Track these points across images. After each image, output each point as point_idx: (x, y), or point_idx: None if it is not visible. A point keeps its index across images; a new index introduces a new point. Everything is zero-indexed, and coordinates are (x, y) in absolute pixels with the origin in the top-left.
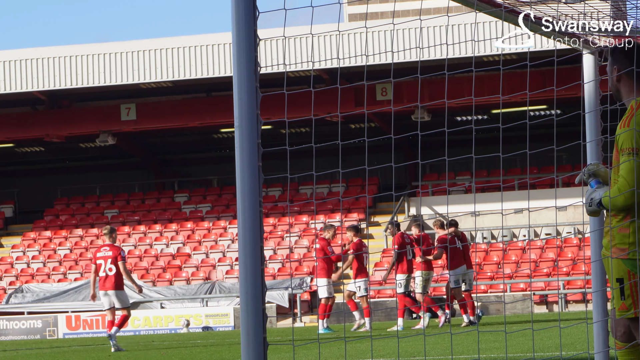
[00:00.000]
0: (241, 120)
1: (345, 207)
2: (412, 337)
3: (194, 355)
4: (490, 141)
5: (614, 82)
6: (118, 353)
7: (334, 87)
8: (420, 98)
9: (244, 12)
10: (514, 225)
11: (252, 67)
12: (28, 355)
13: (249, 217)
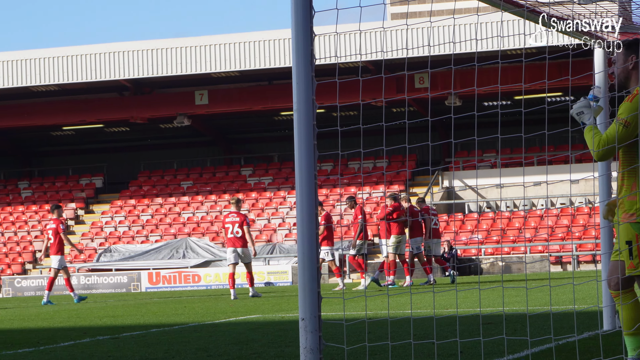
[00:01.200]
0: (299, 104)
1: (387, 179)
2: (446, 291)
3: (258, 307)
4: (513, 123)
5: (626, 70)
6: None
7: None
8: (453, 86)
9: (302, 12)
10: (533, 196)
11: (308, 59)
12: (116, 306)
13: (306, 187)
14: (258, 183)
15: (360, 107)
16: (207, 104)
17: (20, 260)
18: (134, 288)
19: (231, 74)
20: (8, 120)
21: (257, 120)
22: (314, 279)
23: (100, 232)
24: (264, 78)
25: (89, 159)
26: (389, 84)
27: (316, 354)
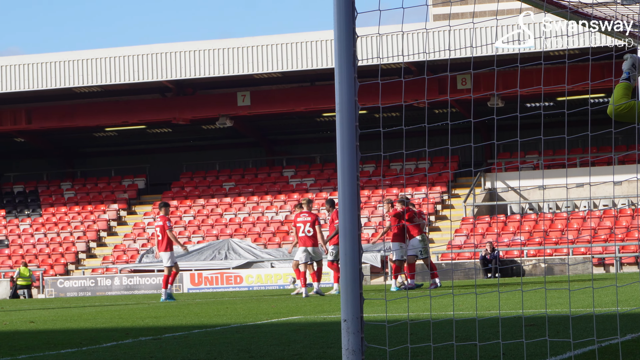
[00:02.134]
0: (341, 105)
1: (429, 181)
2: (488, 293)
3: (300, 307)
4: (555, 124)
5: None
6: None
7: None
8: (496, 87)
9: (345, 13)
10: (575, 197)
11: (351, 60)
12: (158, 307)
13: (348, 189)
14: (300, 184)
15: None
16: (249, 105)
17: (63, 261)
18: (176, 289)
19: (273, 75)
20: (51, 121)
21: (299, 121)
22: (356, 280)
23: (142, 233)
24: (306, 79)
25: (132, 160)
26: (431, 85)
27: (358, 355)
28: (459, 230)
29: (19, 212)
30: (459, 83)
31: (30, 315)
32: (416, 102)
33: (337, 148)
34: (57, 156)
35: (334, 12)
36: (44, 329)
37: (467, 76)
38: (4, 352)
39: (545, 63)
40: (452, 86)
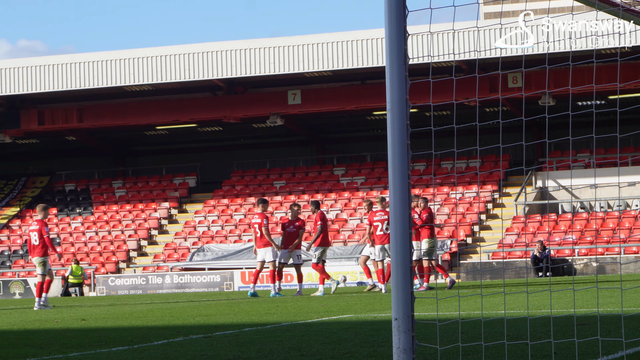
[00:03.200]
0: (392, 104)
1: (480, 179)
2: (539, 292)
3: (350, 306)
4: (607, 123)
5: None
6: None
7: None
8: (547, 85)
9: (396, 11)
10: (627, 196)
11: (402, 59)
12: (209, 305)
13: (399, 187)
14: (351, 183)
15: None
16: (299, 103)
17: (114, 259)
18: (227, 287)
19: (324, 74)
20: (103, 120)
21: (350, 120)
22: (407, 279)
23: (193, 232)
24: (357, 78)
25: (183, 159)
26: (482, 84)
27: (409, 354)
28: (510, 229)
29: (70, 211)
30: (510, 81)
31: (81, 313)
32: (467, 100)
33: (388, 146)
34: (109, 154)
35: (385, 11)
36: (95, 326)
37: (518, 74)
38: (55, 349)
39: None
40: (503, 84)
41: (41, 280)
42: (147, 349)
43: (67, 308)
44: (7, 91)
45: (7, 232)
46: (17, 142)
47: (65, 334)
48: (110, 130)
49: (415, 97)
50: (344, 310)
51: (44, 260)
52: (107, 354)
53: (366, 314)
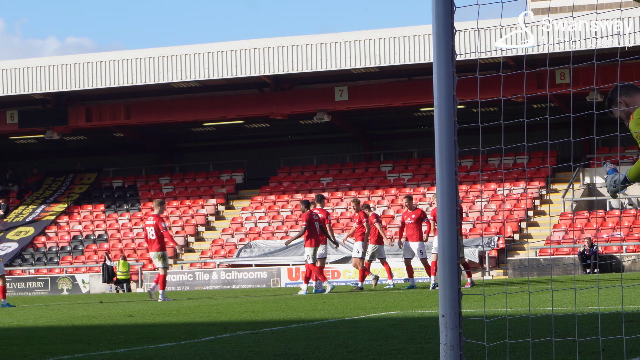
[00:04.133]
0: (440, 100)
1: (528, 176)
2: (586, 289)
3: (397, 303)
4: None
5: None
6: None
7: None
8: (595, 81)
9: (443, 7)
10: None
11: (449, 55)
12: (255, 302)
13: (446, 184)
14: (398, 179)
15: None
16: (346, 100)
17: None
18: (274, 284)
19: (371, 70)
20: (150, 116)
21: (397, 116)
22: (454, 276)
23: (240, 228)
24: (404, 74)
25: (230, 155)
26: (529, 80)
27: (456, 350)
28: (557, 225)
29: (118, 207)
30: (558, 77)
31: (129, 309)
32: (514, 96)
33: (436, 143)
34: (156, 151)
35: (432, 7)
36: (142, 322)
37: (566, 70)
38: (103, 345)
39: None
40: (550, 81)
41: (162, 273)
42: (194, 345)
43: (115, 304)
44: (55, 88)
45: (55, 228)
46: (65, 139)
47: (112, 330)
48: (157, 126)
49: (462, 93)
50: (391, 307)
51: (163, 254)
52: (154, 350)
53: (413, 311)
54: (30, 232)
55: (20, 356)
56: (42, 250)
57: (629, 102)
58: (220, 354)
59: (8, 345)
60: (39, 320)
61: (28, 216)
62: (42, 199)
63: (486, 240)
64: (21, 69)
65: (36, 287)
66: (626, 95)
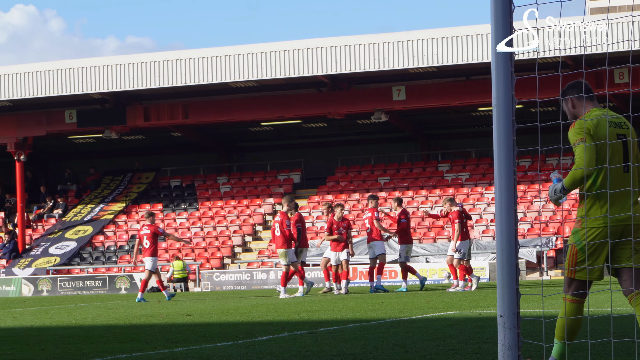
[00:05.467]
0: (498, 100)
1: None
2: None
3: (455, 303)
4: None
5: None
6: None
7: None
8: None
9: (502, 7)
10: None
11: (508, 55)
12: (313, 301)
13: (505, 183)
14: (455, 179)
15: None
16: (404, 99)
17: (219, 254)
18: (330, 283)
19: (429, 70)
20: (208, 116)
21: (455, 116)
22: (513, 276)
23: None
24: (462, 73)
25: (287, 155)
26: (588, 79)
27: (514, 351)
28: None
29: (175, 206)
30: (617, 77)
31: (187, 308)
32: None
33: (494, 143)
34: (214, 150)
35: (490, 6)
36: (200, 322)
37: (625, 70)
38: (161, 344)
39: None
40: (609, 80)
41: (285, 270)
42: (252, 345)
43: (173, 303)
44: (114, 88)
45: (113, 227)
46: (123, 138)
47: (170, 329)
48: (215, 126)
49: (520, 93)
50: (449, 307)
51: (286, 251)
52: (212, 349)
53: (470, 311)
54: (89, 231)
55: (79, 355)
56: (101, 249)
57: (576, 106)
58: (278, 353)
59: (67, 343)
60: (98, 319)
61: (86, 215)
62: (101, 198)
63: (544, 241)
64: (80, 68)
65: (94, 285)
66: (577, 98)
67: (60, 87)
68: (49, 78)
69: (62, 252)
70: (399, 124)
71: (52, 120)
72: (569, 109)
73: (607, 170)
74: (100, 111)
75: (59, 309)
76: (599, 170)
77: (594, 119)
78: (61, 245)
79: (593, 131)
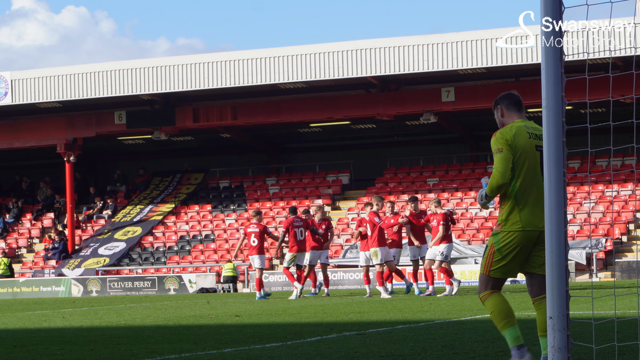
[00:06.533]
0: (548, 101)
1: (637, 177)
2: None
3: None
4: None
5: (500, 120)
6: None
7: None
8: None
9: (551, 8)
10: None
11: (558, 56)
12: (361, 303)
13: (554, 185)
14: None
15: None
16: (453, 100)
17: (267, 255)
18: (379, 284)
19: (478, 71)
20: (257, 117)
21: None
22: (562, 278)
23: (346, 229)
24: (511, 75)
25: (336, 156)
26: (638, 80)
27: (564, 352)
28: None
29: (224, 207)
30: None
31: (235, 309)
32: (623, 97)
33: (543, 144)
34: (262, 151)
35: (540, 7)
36: (249, 322)
37: None
38: (210, 345)
39: None
40: None
41: (380, 270)
42: (301, 346)
43: (222, 304)
44: (163, 89)
45: (162, 228)
46: (172, 140)
47: (219, 330)
48: (264, 127)
49: (570, 94)
50: None
51: (376, 250)
52: (261, 350)
53: (520, 313)
54: (138, 232)
55: (128, 355)
56: (150, 250)
57: (505, 115)
58: (327, 354)
59: (116, 344)
60: (147, 320)
61: (136, 216)
62: (150, 199)
63: (594, 242)
64: (130, 69)
65: (143, 286)
66: (506, 108)
67: (110, 88)
68: (99, 79)
69: (111, 253)
70: (447, 125)
71: (102, 121)
72: (499, 117)
73: (524, 179)
74: (149, 112)
75: (108, 310)
76: (517, 179)
77: (514, 130)
78: (110, 246)
79: (512, 141)
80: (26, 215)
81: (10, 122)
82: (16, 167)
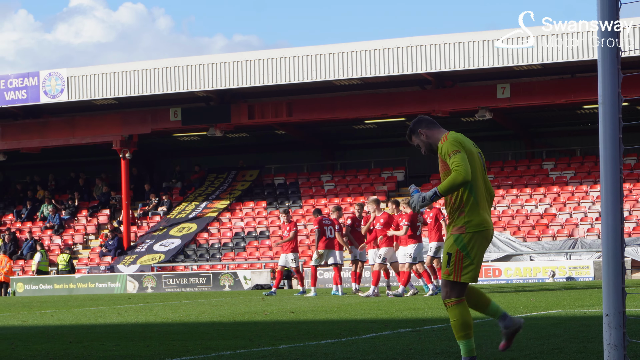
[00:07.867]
0: (604, 97)
1: None
2: None
3: (559, 301)
4: None
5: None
6: None
7: None
8: None
9: (608, 4)
10: None
11: (614, 52)
12: (416, 299)
13: (610, 182)
14: (560, 177)
15: None
16: (508, 97)
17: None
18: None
19: (533, 67)
20: (312, 114)
21: (559, 113)
22: (619, 275)
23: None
24: (567, 71)
25: (391, 152)
26: None
27: (620, 350)
28: None
29: (279, 204)
30: None
31: (290, 306)
32: None
33: (600, 140)
34: (317, 148)
35: (597, 3)
36: (304, 319)
37: None
38: (265, 341)
39: None
40: None
41: (378, 269)
42: (355, 342)
43: (276, 301)
44: (219, 86)
45: (218, 224)
46: (227, 136)
47: (274, 327)
48: (319, 124)
49: (626, 90)
50: (553, 306)
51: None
52: (316, 346)
53: (575, 310)
54: (193, 228)
55: (183, 351)
56: (205, 247)
57: (429, 135)
58: (381, 351)
59: (172, 340)
60: (202, 316)
61: (191, 213)
62: (205, 195)
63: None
64: (185, 66)
65: (198, 283)
66: (427, 128)
67: (166, 85)
68: (155, 76)
69: (166, 249)
70: (503, 122)
71: (157, 118)
72: (423, 140)
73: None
74: (204, 109)
75: (164, 306)
76: (475, 180)
77: (459, 135)
78: (165, 242)
79: (464, 144)
80: (82, 211)
81: (66, 119)
82: (72, 163)
